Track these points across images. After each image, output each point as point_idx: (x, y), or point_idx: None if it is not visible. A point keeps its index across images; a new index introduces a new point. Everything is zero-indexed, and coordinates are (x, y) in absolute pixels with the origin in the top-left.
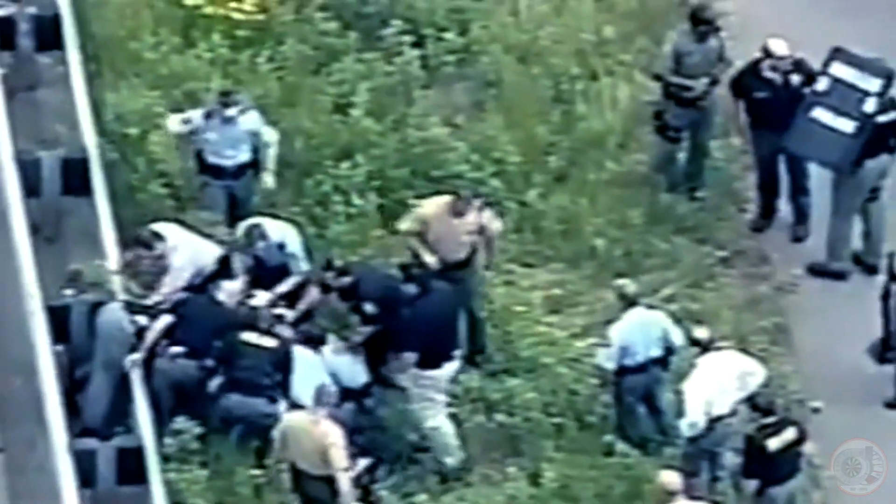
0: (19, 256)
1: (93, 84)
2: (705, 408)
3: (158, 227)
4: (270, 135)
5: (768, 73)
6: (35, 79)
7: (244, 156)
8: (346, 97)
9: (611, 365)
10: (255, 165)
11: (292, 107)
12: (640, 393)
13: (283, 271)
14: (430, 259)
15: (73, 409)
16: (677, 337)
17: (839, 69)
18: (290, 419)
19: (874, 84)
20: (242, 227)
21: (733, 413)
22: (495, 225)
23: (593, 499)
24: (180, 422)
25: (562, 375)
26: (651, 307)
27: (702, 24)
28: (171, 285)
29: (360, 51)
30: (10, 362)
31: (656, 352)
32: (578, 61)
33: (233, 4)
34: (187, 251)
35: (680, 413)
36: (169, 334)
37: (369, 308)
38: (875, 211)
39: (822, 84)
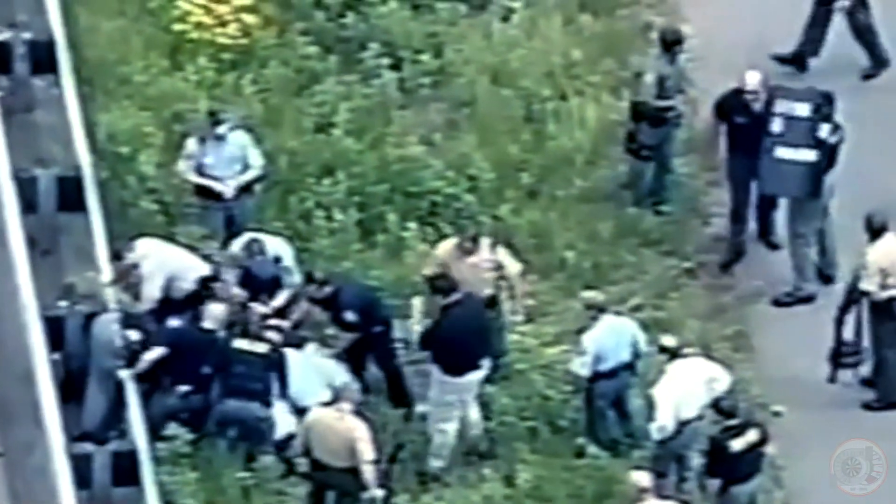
0: (17, 269)
1: (86, 105)
2: (674, 412)
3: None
4: (255, 159)
5: (748, 99)
6: (31, 101)
7: (240, 176)
8: (327, 117)
9: (585, 372)
10: (249, 189)
11: (276, 127)
12: (610, 398)
13: (273, 284)
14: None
15: (69, 414)
16: (644, 342)
17: (784, 105)
18: (314, 415)
19: (817, 109)
20: (241, 241)
21: (700, 417)
22: (512, 264)
23: (566, 499)
24: (172, 427)
25: (534, 381)
26: (619, 314)
27: (674, 46)
28: (149, 294)
29: (340, 73)
30: (9, 370)
31: (626, 357)
32: (548, 83)
33: (218, 30)
34: (156, 258)
35: (650, 417)
36: (162, 364)
37: (350, 316)
38: (827, 227)
39: (775, 125)
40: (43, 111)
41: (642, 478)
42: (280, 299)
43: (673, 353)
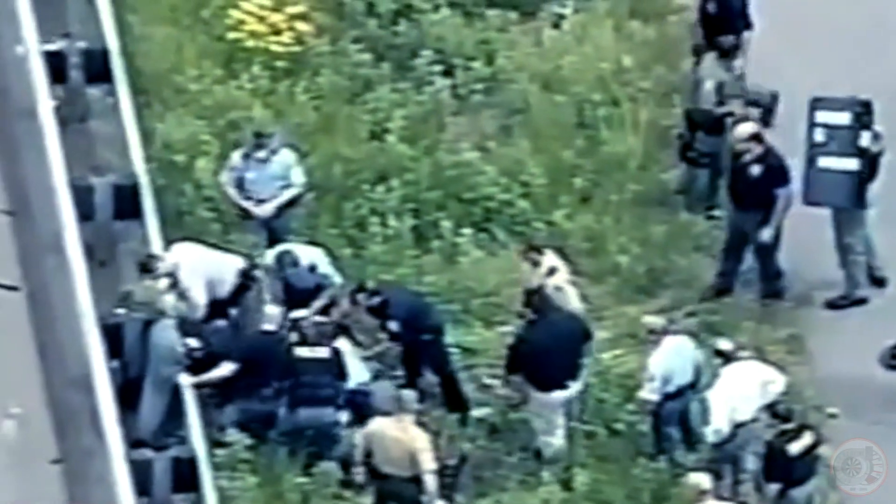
0: (74, 277)
1: (141, 114)
2: (729, 415)
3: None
4: (298, 177)
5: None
6: (85, 110)
7: (281, 193)
8: (381, 124)
9: (655, 397)
10: (292, 204)
11: (330, 134)
12: (676, 418)
13: (313, 293)
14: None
15: (127, 421)
16: (702, 358)
17: (824, 115)
18: (375, 425)
19: (859, 119)
20: (272, 254)
21: (755, 419)
22: (559, 264)
23: (623, 502)
24: (231, 433)
25: (590, 385)
26: (677, 333)
27: (730, 52)
28: (195, 300)
29: (394, 80)
30: (67, 377)
31: (689, 376)
32: (600, 88)
33: (272, 38)
34: (189, 264)
35: (705, 420)
36: (237, 378)
37: (393, 326)
38: (870, 232)
39: (818, 135)
40: (98, 120)
41: (702, 480)
42: (320, 301)
43: (728, 357)
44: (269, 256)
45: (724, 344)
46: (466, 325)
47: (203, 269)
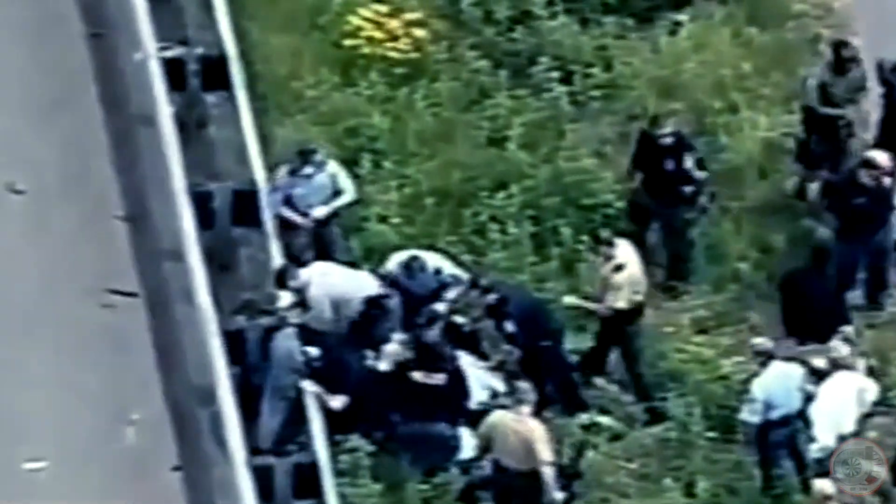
0: (195, 284)
1: (259, 120)
2: (835, 429)
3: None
4: (345, 184)
5: (865, 180)
6: (203, 116)
7: (327, 204)
8: (500, 131)
9: (756, 419)
10: (336, 215)
11: (448, 141)
12: (784, 445)
13: (432, 299)
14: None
15: (247, 428)
16: (812, 388)
17: None
18: (494, 418)
19: None
20: (398, 261)
21: (858, 431)
22: (630, 260)
23: None
24: (353, 439)
25: (712, 392)
26: (788, 360)
27: (847, 61)
28: (319, 318)
29: (511, 87)
30: (188, 384)
31: (797, 404)
32: (718, 95)
33: (390, 44)
34: (319, 284)
35: (810, 439)
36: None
37: (510, 327)
38: None
39: None
40: (216, 126)
41: (826, 486)
42: (451, 294)
43: (822, 374)
44: (393, 263)
45: (819, 361)
46: (586, 332)
47: (331, 289)
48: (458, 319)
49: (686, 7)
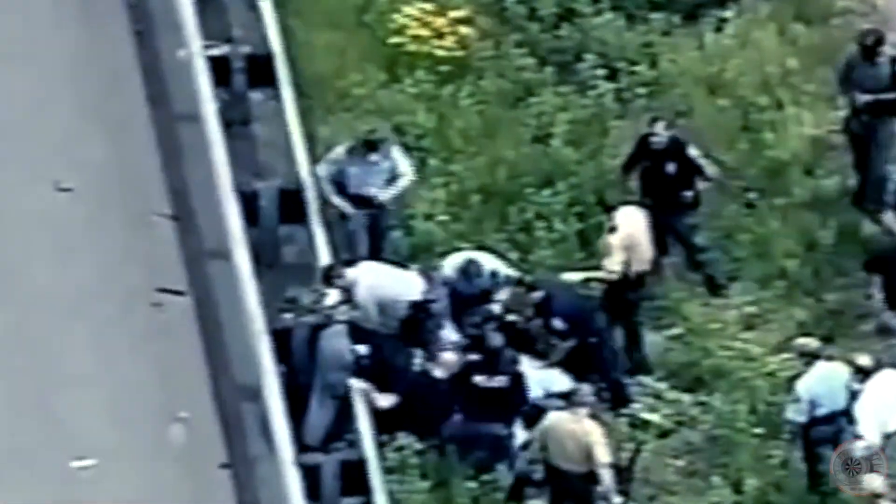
0: (241, 282)
1: (305, 118)
2: (879, 427)
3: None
4: (404, 167)
5: None
6: (248, 114)
7: (384, 186)
8: (545, 128)
9: (801, 419)
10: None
11: (493, 138)
12: (828, 442)
13: (481, 299)
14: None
15: (295, 425)
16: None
17: None
18: (551, 420)
19: None
20: (454, 264)
21: None
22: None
23: None
24: (402, 437)
25: (759, 389)
26: (831, 358)
27: (874, 48)
28: (365, 318)
29: (557, 84)
30: (235, 381)
31: (842, 403)
32: (764, 92)
33: (435, 42)
34: (366, 284)
35: (854, 435)
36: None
37: (558, 324)
38: None
39: None
40: (260, 124)
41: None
42: (502, 294)
43: (867, 372)
44: (449, 266)
45: (863, 360)
46: None
47: (378, 290)
48: (511, 318)
49: (731, 4)
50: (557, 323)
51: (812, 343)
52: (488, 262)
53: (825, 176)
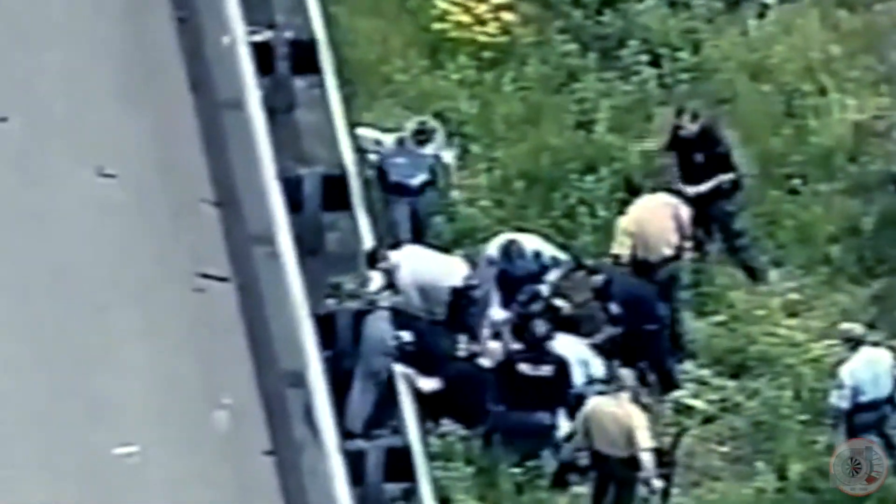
0: (285, 269)
1: (347, 105)
2: None
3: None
4: (448, 156)
5: None
6: (291, 100)
7: (426, 175)
8: (589, 114)
9: (845, 405)
10: (433, 183)
11: (537, 124)
12: (871, 428)
13: (530, 281)
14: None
15: (338, 411)
16: None
17: None
18: (593, 405)
19: None
20: (497, 245)
21: None
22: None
23: (837, 491)
24: (446, 424)
25: (803, 375)
26: (876, 344)
27: None
28: (406, 303)
29: (600, 70)
30: (279, 368)
31: (886, 390)
32: (807, 78)
33: (477, 28)
34: (408, 268)
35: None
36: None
37: (614, 308)
38: None
39: None
40: (303, 110)
41: None
42: (552, 276)
43: None
44: (493, 247)
45: None
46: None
47: (420, 275)
48: (558, 303)
49: None
50: (614, 307)
51: (857, 328)
52: (532, 243)
53: (869, 162)
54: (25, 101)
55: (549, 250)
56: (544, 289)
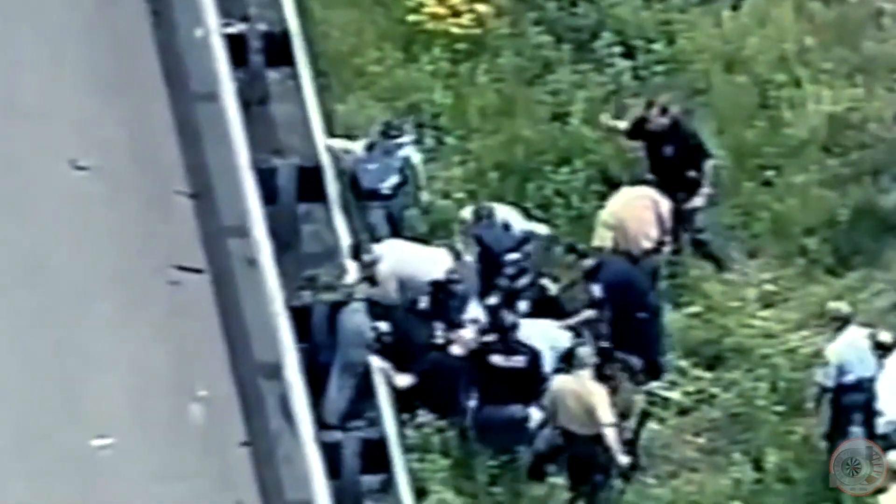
0: (260, 260)
1: (321, 97)
2: None
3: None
4: (417, 158)
5: None
6: (265, 93)
7: (396, 178)
8: (563, 106)
9: (829, 383)
10: (404, 184)
11: (511, 116)
12: (858, 408)
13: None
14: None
15: (314, 403)
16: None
17: None
18: (556, 384)
19: None
20: (469, 210)
21: None
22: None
23: (812, 483)
24: (422, 415)
25: (779, 366)
26: (864, 325)
27: None
28: (386, 295)
29: (574, 62)
30: (254, 360)
31: (871, 370)
32: (782, 70)
33: (452, 20)
34: (390, 261)
35: (875, 411)
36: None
37: (596, 291)
38: None
39: None
40: (278, 102)
41: None
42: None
43: (887, 348)
44: (467, 211)
45: (885, 336)
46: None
47: (400, 268)
48: (545, 282)
49: None
50: (596, 290)
51: (844, 307)
52: (503, 211)
53: (842, 153)
54: None
55: (519, 222)
56: (521, 258)
